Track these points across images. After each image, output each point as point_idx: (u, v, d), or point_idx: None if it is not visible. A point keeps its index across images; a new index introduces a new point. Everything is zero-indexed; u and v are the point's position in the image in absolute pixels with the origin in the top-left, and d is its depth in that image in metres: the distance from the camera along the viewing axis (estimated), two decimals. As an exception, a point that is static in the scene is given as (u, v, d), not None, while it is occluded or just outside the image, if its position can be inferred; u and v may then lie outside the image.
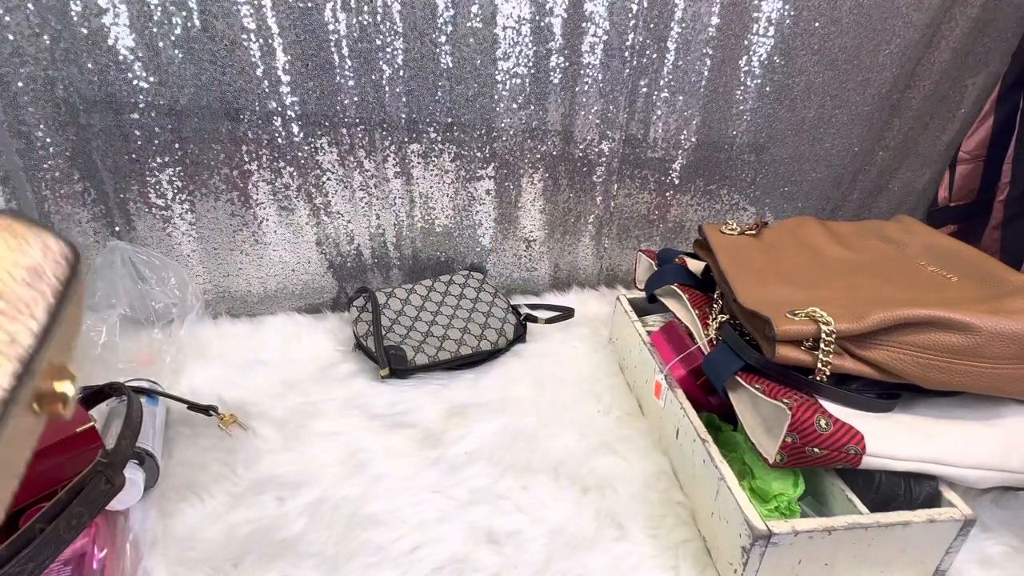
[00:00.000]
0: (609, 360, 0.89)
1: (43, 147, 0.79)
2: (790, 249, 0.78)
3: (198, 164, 0.85)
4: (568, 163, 0.98)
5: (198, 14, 0.76)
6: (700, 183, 1.04)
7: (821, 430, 0.53)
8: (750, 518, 0.51)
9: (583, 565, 0.57)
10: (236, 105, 0.82)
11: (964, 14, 0.93)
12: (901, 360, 0.56)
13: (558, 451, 0.71)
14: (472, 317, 0.92)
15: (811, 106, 0.98)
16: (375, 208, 0.95)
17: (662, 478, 0.67)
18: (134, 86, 0.78)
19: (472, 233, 1.01)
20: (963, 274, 0.66)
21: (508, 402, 0.79)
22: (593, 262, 1.09)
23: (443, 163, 0.94)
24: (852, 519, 0.53)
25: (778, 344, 0.56)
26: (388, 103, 0.87)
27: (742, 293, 0.65)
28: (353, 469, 0.67)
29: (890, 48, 0.93)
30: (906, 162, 1.08)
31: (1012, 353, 0.54)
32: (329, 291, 1.00)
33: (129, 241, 0.87)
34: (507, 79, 0.88)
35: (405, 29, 0.82)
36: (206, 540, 0.59)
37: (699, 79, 0.93)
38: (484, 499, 0.64)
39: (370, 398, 0.79)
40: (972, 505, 0.55)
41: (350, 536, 0.59)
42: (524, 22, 0.85)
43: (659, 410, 0.72)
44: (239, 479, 0.65)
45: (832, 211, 1.09)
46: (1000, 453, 0.56)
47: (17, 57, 0.73)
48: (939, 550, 0.55)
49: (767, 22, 0.90)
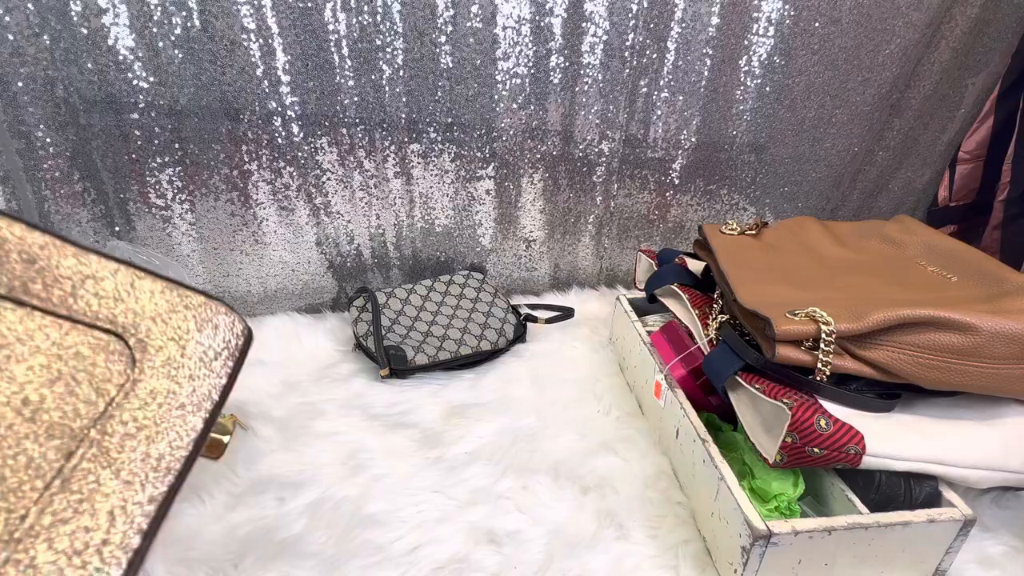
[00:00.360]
0: (609, 360, 0.89)
1: (43, 147, 0.79)
2: (790, 249, 0.78)
3: (198, 164, 0.85)
4: (568, 163, 0.98)
5: (198, 14, 0.76)
6: (700, 183, 1.04)
7: (821, 430, 0.53)
8: (750, 518, 0.51)
9: (583, 565, 0.57)
10: (236, 105, 0.82)
11: (964, 14, 0.93)
12: (901, 360, 0.56)
13: (558, 451, 0.71)
14: (472, 317, 0.92)
15: (811, 106, 0.98)
16: (375, 208, 0.95)
17: (662, 478, 0.67)
18: (134, 86, 0.78)
19: (472, 233, 1.01)
20: (963, 274, 0.66)
21: (508, 402, 0.79)
22: (593, 262, 1.09)
23: (443, 163, 0.94)
24: (852, 519, 0.53)
25: (778, 344, 0.56)
26: (388, 103, 0.87)
27: (742, 293, 0.65)
28: (353, 469, 0.67)
29: (890, 48, 0.93)
30: (906, 162, 1.08)
31: (1012, 353, 0.54)
32: (329, 291, 1.00)
33: (129, 241, 0.87)
34: (507, 79, 0.88)
35: (405, 29, 0.82)
36: (206, 540, 0.59)
37: (699, 79, 0.94)
38: (484, 499, 0.64)
39: (370, 398, 0.79)
40: (972, 505, 0.55)
41: (350, 536, 0.59)
42: (524, 22, 0.85)
43: (659, 410, 0.72)
44: (239, 479, 0.65)
45: (832, 211, 1.09)
46: (1000, 453, 0.56)
47: (17, 57, 0.73)
48: (939, 550, 0.55)
49: (767, 22, 0.90)
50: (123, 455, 0.34)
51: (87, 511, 0.32)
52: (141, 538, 0.32)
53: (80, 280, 0.39)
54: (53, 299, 0.38)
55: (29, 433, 0.33)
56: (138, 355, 0.38)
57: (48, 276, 0.38)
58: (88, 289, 0.39)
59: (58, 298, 0.38)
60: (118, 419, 0.35)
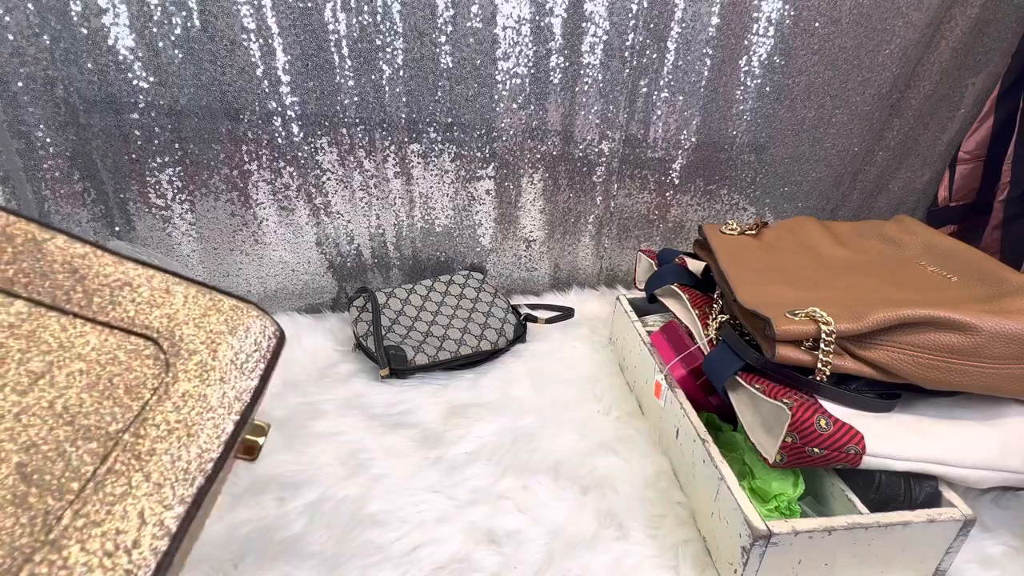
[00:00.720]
0: (609, 360, 0.89)
1: (43, 147, 0.79)
2: (790, 249, 0.78)
3: (198, 164, 0.85)
4: (568, 163, 0.98)
5: (198, 14, 0.76)
6: (700, 183, 1.04)
7: (821, 430, 0.53)
8: (750, 518, 0.51)
9: (583, 565, 0.57)
10: (236, 105, 0.82)
11: (964, 14, 0.93)
12: (901, 360, 0.56)
13: (558, 451, 0.71)
14: (472, 317, 0.92)
15: (811, 106, 0.98)
16: (375, 208, 0.95)
17: (662, 478, 0.67)
18: (134, 86, 0.78)
19: (472, 233, 1.01)
20: (963, 274, 0.66)
21: (508, 402, 0.79)
22: (593, 262, 1.09)
23: (443, 163, 0.94)
24: (852, 519, 0.53)
25: (778, 344, 0.56)
26: (388, 103, 0.87)
27: (742, 293, 0.65)
28: (353, 469, 0.67)
29: (890, 48, 0.93)
30: (906, 162, 1.08)
31: (1012, 353, 0.54)
32: (329, 291, 1.00)
33: (129, 241, 0.87)
34: (507, 79, 0.88)
35: (405, 29, 0.82)
36: (206, 540, 0.58)
37: (699, 79, 0.94)
38: (484, 499, 0.64)
39: (370, 398, 0.79)
40: (972, 505, 0.55)
41: (350, 536, 0.59)
42: (524, 22, 0.85)
43: (659, 410, 0.72)
44: (239, 479, 0.65)
45: (832, 211, 1.09)
46: (1000, 453, 0.56)
47: (17, 57, 0.73)
48: (939, 550, 0.55)
49: (767, 22, 0.90)
50: (154, 458, 0.35)
51: (119, 513, 0.32)
52: (169, 540, 0.32)
53: (118, 287, 0.40)
54: (93, 307, 0.39)
55: (68, 437, 0.34)
56: (171, 359, 0.39)
57: (89, 285, 0.40)
58: (125, 296, 0.40)
59: (97, 306, 0.39)
60: (151, 422, 0.36)
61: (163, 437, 0.35)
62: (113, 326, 0.39)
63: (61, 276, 0.39)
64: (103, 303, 0.39)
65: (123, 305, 0.40)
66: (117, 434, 0.35)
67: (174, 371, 0.38)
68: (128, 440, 0.35)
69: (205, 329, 0.41)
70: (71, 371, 0.36)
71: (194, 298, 0.42)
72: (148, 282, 0.41)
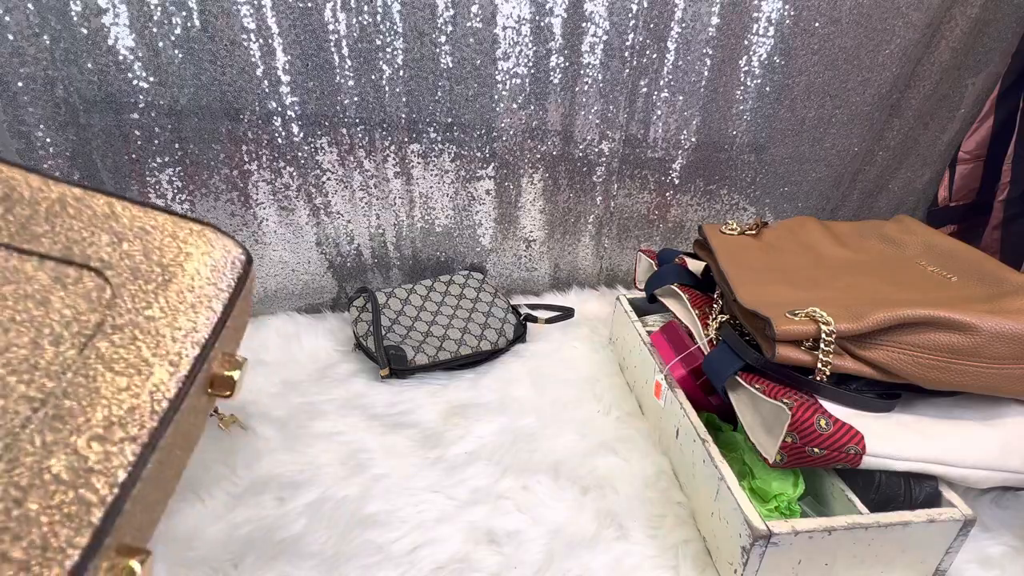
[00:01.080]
0: (609, 360, 0.89)
1: (43, 147, 0.79)
2: (790, 249, 0.78)
3: (198, 164, 0.85)
4: (568, 163, 0.98)
5: (198, 14, 0.76)
6: (700, 183, 1.04)
7: (821, 430, 0.53)
8: (750, 518, 0.51)
9: (583, 565, 0.57)
10: (236, 105, 0.82)
11: (964, 14, 0.93)
12: (901, 360, 0.56)
13: (558, 451, 0.71)
14: (472, 317, 0.92)
15: (811, 106, 0.98)
16: (375, 208, 0.95)
17: (662, 478, 0.67)
18: (134, 86, 0.78)
19: (472, 233, 1.01)
20: (963, 274, 0.66)
21: (508, 402, 0.79)
22: (593, 262, 1.09)
23: (443, 163, 0.94)
24: (852, 519, 0.53)
25: (778, 344, 0.56)
26: (388, 103, 0.87)
27: (742, 293, 0.65)
28: (353, 469, 0.67)
29: (890, 48, 0.93)
30: (906, 162, 1.08)
31: (1012, 353, 0.54)
32: (329, 291, 1.00)
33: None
34: (507, 79, 0.88)
35: (405, 29, 0.82)
36: (206, 540, 0.59)
37: (699, 79, 0.94)
38: (484, 499, 0.64)
39: (370, 398, 0.79)
40: (972, 505, 0.55)
41: (350, 536, 0.59)
42: (524, 22, 0.85)
43: (659, 410, 0.72)
44: (239, 479, 0.65)
45: (832, 211, 1.09)
46: (1000, 453, 0.56)
47: (17, 57, 0.73)
48: (939, 550, 0.55)
49: (767, 22, 0.90)
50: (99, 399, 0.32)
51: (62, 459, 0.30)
52: (119, 489, 0.30)
53: (55, 213, 0.37)
54: (26, 235, 0.36)
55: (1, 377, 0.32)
56: (118, 290, 0.35)
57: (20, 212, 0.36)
58: (62, 222, 0.37)
59: (31, 234, 0.36)
60: (94, 360, 0.33)
61: (107, 375, 0.32)
62: (49, 257, 0.35)
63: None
64: (38, 231, 0.35)
65: (60, 233, 0.36)
66: (57, 375, 0.32)
67: (122, 303, 0.35)
68: (68, 381, 0.32)
69: (157, 255, 0.37)
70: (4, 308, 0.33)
71: (141, 221, 0.37)
72: (89, 207, 0.37)
